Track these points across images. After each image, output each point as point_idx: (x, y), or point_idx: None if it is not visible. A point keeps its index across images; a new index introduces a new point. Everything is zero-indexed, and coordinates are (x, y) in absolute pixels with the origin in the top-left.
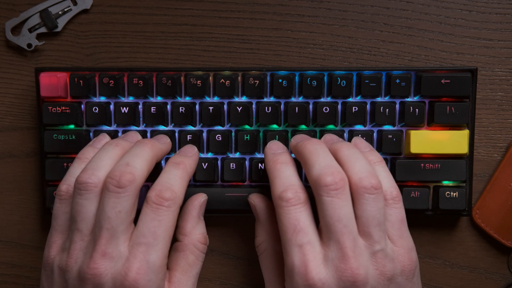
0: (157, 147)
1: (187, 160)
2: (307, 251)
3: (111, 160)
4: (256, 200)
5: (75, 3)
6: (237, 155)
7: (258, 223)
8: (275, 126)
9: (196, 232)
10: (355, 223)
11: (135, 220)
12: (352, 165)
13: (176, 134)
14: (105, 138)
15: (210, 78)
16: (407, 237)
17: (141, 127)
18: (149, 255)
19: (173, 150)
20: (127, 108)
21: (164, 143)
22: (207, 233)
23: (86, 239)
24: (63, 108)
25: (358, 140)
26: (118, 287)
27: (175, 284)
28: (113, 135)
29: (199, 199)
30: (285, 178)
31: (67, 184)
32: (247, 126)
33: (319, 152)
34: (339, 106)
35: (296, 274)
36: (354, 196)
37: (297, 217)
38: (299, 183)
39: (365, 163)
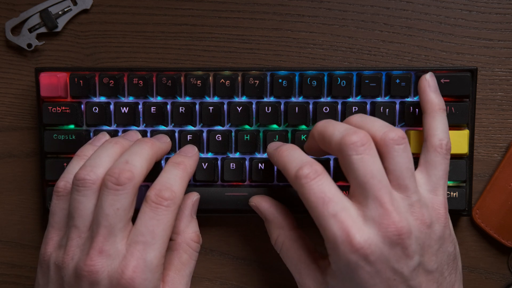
0: (157, 146)
1: (187, 160)
2: (344, 218)
3: (110, 158)
4: (257, 201)
5: (75, 3)
6: (237, 155)
7: (267, 222)
8: (275, 126)
9: (189, 230)
10: (387, 178)
11: (134, 219)
12: (371, 124)
13: (176, 134)
14: (105, 136)
15: (210, 78)
16: (446, 188)
17: (141, 127)
18: (147, 254)
19: (173, 150)
20: (127, 108)
21: (164, 142)
22: (204, 232)
23: (83, 236)
24: (63, 108)
25: (429, 77)
26: (115, 285)
27: (169, 283)
28: (113, 135)
29: (192, 198)
30: (295, 158)
31: (65, 181)
32: (247, 126)
33: (333, 123)
34: (339, 106)
35: (340, 244)
36: (382, 151)
37: (321, 189)
38: (311, 158)
39: (381, 121)
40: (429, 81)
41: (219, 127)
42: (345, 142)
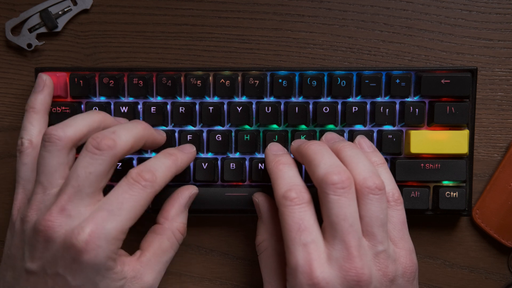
0: (149, 131)
1: (180, 154)
2: (312, 250)
3: (85, 122)
4: (260, 198)
5: (75, 3)
6: (237, 155)
7: (260, 222)
8: (275, 126)
9: (178, 220)
10: (359, 223)
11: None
12: (356, 166)
13: (176, 134)
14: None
15: (210, 78)
16: (408, 239)
17: None
18: (108, 223)
19: None
20: (127, 108)
21: (159, 133)
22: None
23: (48, 192)
24: (63, 108)
25: (361, 140)
26: (68, 245)
27: (144, 263)
28: None
29: (190, 190)
30: (288, 178)
31: (27, 139)
32: (247, 126)
33: (323, 152)
34: (339, 106)
35: (300, 273)
36: (358, 196)
37: (301, 216)
38: (302, 183)
39: (368, 164)
40: (361, 143)
41: (219, 127)
42: (326, 180)
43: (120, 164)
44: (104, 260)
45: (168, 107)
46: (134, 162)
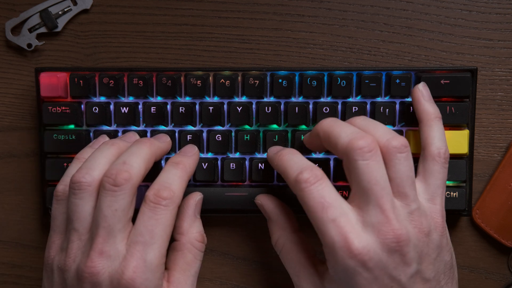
0: (155, 146)
1: (186, 160)
2: (343, 223)
3: (106, 159)
4: (263, 200)
5: (75, 3)
6: (237, 155)
7: (270, 222)
8: (275, 126)
9: (193, 230)
10: (390, 185)
11: (134, 219)
12: (375, 130)
13: (176, 134)
14: (104, 139)
15: (210, 78)
16: (444, 197)
17: (141, 127)
18: (146, 254)
19: (173, 150)
20: (127, 108)
21: (163, 141)
22: (204, 232)
23: (83, 238)
24: (63, 108)
25: (423, 88)
26: (115, 286)
27: (174, 283)
28: (113, 135)
29: (195, 198)
30: (295, 163)
31: (63, 185)
32: (247, 126)
33: (340, 124)
34: (339, 106)
35: (338, 249)
36: (385, 158)
37: (321, 193)
38: (311, 163)
39: (385, 127)
40: (422, 91)
41: (219, 127)
42: (352, 146)
43: None
44: None
45: (168, 107)
46: None
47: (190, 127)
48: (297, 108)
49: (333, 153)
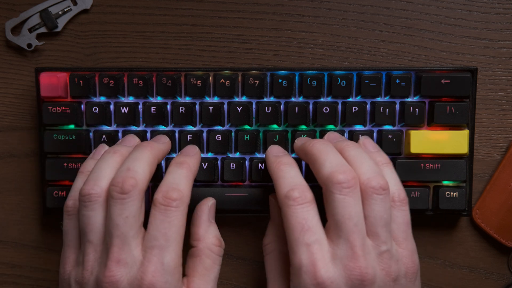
0: (156, 148)
1: (189, 159)
2: (315, 250)
3: (111, 168)
4: (275, 200)
5: (75, 3)
6: (237, 155)
7: (271, 223)
8: (275, 126)
9: (209, 235)
10: (364, 223)
11: (145, 224)
12: (360, 165)
13: (176, 134)
14: (104, 148)
15: (210, 78)
16: (411, 240)
17: (141, 127)
18: (163, 257)
19: (173, 151)
20: (127, 108)
21: (163, 143)
22: (221, 236)
23: (98, 249)
24: (63, 108)
25: (366, 140)
26: None
27: None
28: (113, 135)
29: (207, 203)
30: (290, 178)
31: (73, 200)
32: (247, 126)
33: (328, 151)
34: (339, 106)
35: (304, 273)
36: (362, 196)
37: (304, 216)
38: (304, 183)
39: (372, 164)
40: (365, 143)
41: (219, 127)
42: (332, 179)
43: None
44: None
45: (168, 107)
46: None
47: (190, 127)
48: (297, 108)
49: (316, 178)
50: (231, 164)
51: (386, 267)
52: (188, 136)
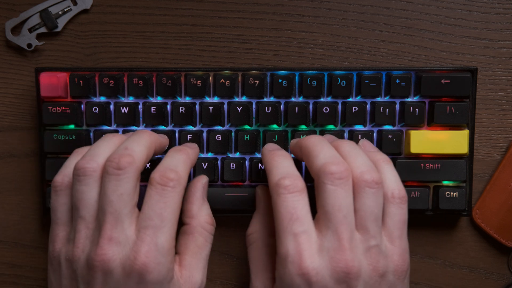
0: (155, 137)
1: (188, 149)
2: (302, 240)
3: (109, 148)
4: (260, 191)
5: (75, 3)
6: (237, 155)
7: (256, 213)
8: (275, 126)
9: (202, 213)
10: (353, 216)
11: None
12: (354, 159)
13: (176, 134)
14: None
15: (210, 78)
16: (405, 239)
17: (141, 127)
18: (157, 238)
19: None
20: (127, 108)
21: (162, 136)
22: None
23: (91, 227)
24: (63, 108)
25: (365, 142)
26: (128, 272)
27: (186, 267)
28: None
29: (202, 181)
30: (283, 167)
31: (62, 175)
32: (247, 126)
33: (323, 144)
34: (339, 106)
35: (289, 263)
36: (354, 189)
37: (294, 205)
38: (297, 173)
39: (366, 159)
40: (364, 144)
41: (219, 127)
42: (325, 170)
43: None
44: (167, 273)
45: (168, 107)
46: None
47: (190, 127)
48: (297, 108)
49: (309, 171)
50: (231, 164)
51: (374, 262)
52: (188, 136)
